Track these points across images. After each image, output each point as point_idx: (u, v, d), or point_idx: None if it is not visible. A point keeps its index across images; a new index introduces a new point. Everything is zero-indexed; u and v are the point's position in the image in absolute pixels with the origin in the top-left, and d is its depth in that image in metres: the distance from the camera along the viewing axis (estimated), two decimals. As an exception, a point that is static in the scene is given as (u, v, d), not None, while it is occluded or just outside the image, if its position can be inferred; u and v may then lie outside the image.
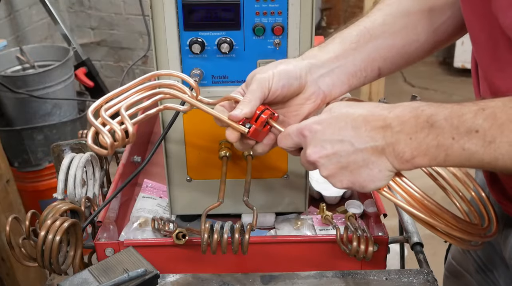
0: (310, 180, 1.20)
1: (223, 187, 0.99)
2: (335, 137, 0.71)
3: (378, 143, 0.69)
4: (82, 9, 3.49)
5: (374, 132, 0.69)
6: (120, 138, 0.73)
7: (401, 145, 0.68)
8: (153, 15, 0.95)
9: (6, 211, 1.92)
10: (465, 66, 4.23)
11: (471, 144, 0.64)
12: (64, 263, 0.92)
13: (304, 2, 0.95)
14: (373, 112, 0.70)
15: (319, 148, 0.73)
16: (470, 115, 0.64)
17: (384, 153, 0.69)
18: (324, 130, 0.72)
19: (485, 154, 0.64)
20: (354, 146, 0.70)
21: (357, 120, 0.70)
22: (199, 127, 1.06)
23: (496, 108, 0.64)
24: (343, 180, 0.73)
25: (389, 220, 1.06)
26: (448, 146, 0.65)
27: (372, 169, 0.71)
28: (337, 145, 0.71)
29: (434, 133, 0.66)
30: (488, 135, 0.63)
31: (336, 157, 0.72)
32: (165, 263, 0.98)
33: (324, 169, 0.73)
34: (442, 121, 0.65)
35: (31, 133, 2.34)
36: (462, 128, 0.64)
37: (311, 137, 0.74)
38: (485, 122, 0.63)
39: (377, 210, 1.10)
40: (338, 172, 0.73)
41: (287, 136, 0.78)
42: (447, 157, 0.66)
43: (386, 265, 1.02)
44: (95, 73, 2.86)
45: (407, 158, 0.68)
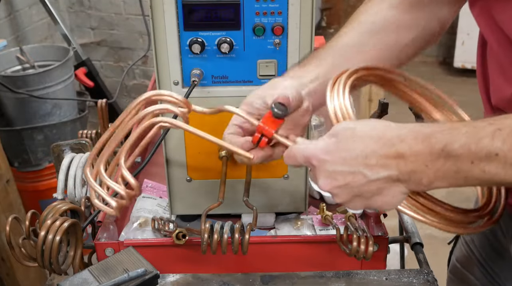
0: (310, 180, 1.20)
1: (223, 187, 0.99)
2: (345, 169, 0.69)
3: (392, 173, 0.67)
4: (82, 9, 3.49)
5: (387, 162, 0.67)
6: (126, 197, 0.72)
7: (417, 173, 0.66)
8: (153, 15, 0.95)
9: (6, 211, 1.92)
10: (465, 66, 4.23)
11: (492, 167, 0.63)
12: (64, 263, 0.92)
13: (304, 2, 0.95)
14: (384, 139, 0.68)
15: (331, 180, 0.71)
16: (488, 139, 0.62)
17: (399, 180, 0.68)
18: (334, 162, 0.70)
19: (506, 174, 0.63)
20: (367, 177, 0.68)
21: (367, 149, 0.68)
22: (199, 127, 1.05)
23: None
24: (358, 205, 0.73)
25: (389, 220, 1.06)
26: (468, 170, 0.64)
27: (386, 196, 0.70)
28: (348, 177, 0.69)
29: (451, 161, 0.64)
30: (508, 157, 0.62)
31: (349, 187, 0.70)
32: (165, 263, 0.98)
33: (338, 197, 0.73)
34: (459, 149, 0.64)
35: (31, 133, 2.34)
36: (481, 154, 0.63)
37: (319, 168, 0.72)
38: (504, 145, 0.62)
39: (377, 210, 1.10)
40: (353, 199, 0.72)
41: (293, 158, 0.77)
42: (467, 179, 0.65)
43: (386, 265, 1.02)
44: (95, 73, 2.86)
45: (425, 183, 0.67)
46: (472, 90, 0.91)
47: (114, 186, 0.73)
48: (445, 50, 4.64)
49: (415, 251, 1.02)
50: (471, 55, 4.15)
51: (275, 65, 0.99)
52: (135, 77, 3.64)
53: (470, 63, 4.13)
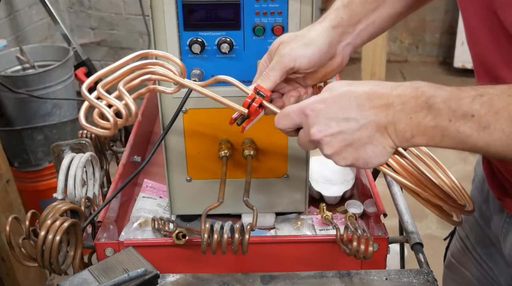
0: (310, 180, 1.20)
1: (223, 187, 0.99)
2: (339, 116, 0.72)
3: (381, 120, 0.70)
4: (82, 9, 3.49)
5: (377, 110, 0.70)
6: (125, 116, 0.71)
7: (402, 124, 0.69)
8: (153, 15, 0.95)
9: (6, 211, 1.92)
10: (465, 66, 4.23)
11: (466, 127, 0.66)
12: (64, 263, 0.92)
13: (304, 2, 0.95)
14: (376, 90, 0.71)
15: (324, 126, 0.73)
16: (468, 99, 0.66)
17: (387, 130, 0.70)
18: (328, 109, 0.72)
19: (479, 138, 0.66)
20: (359, 122, 0.71)
21: (360, 98, 0.71)
22: (199, 127, 1.06)
23: (494, 95, 0.65)
24: (347, 157, 0.74)
25: (389, 220, 1.06)
26: (445, 127, 0.67)
27: (376, 146, 0.72)
28: (342, 123, 0.72)
29: (432, 114, 0.67)
30: (483, 121, 0.65)
31: (342, 134, 0.72)
32: (165, 263, 0.98)
33: (329, 147, 0.73)
34: (441, 103, 0.67)
35: (31, 133, 2.34)
36: (459, 112, 0.66)
37: (314, 116, 0.74)
38: (481, 108, 0.65)
39: (377, 210, 1.10)
40: (343, 149, 0.73)
41: (287, 116, 0.77)
42: (443, 138, 0.68)
43: (386, 265, 1.02)
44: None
45: (407, 137, 0.70)
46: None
47: (114, 101, 0.71)
48: (445, 50, 4.64)
49: (415, 251, 1.02)
50: (471, 55, 4.18)
51: (275, 65, 0.99)
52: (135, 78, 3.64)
53: (470, 63, 4.06)
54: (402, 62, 4.73)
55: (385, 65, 3.42)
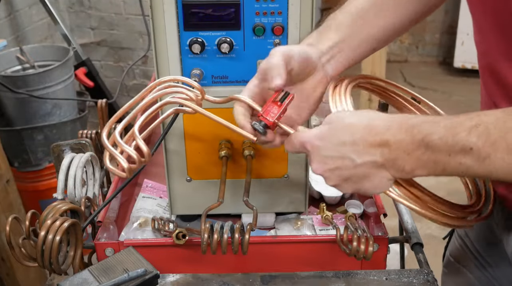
0: (310, 180, 1.20)
1: (223, 187, 0.99)
2: (335, 154, 0.75)
3: (377, 159, 0.72)
4: (82, 9, 3.49)
5: (373, 149, 0.72)
6: (137, 161, 0.76)
7: (399, 160, 0.71)
8: (153, 15, 0.95)
9: (6, 211, 1.92)
10: (465, 66, 4.23)
11: (467, 159, 0.67)
12: (64, 263, 0.92)
13: (304, 2, 0.95)
14: (371, 127, 0.72)
15: (322, 164, 0.76)
16: (464, 133, 0.66)
17: (384, 166, 0.73)
18: (325, 147, 0.76)
19: (480, 168, 0.67)
20: (354, 161, 0.73)
21: (355, 136, 0.73)
22: (199, 127, 1.06)
23: (489, 124, 0.66)
24: (347, 188, 0.78)
25: (389, 220, 1.06)
26: (445, 161, 0.68)
27: (373, 180, 0.74)
28: (338, 161, 0.75)
29: (430, 151, 0.69)
30: (482, 152, 0.66)
31: (339, 170, 0.75)
32: (165, 263, 0.98)
33: (329, 180, 0.78)
34: (437, 141, 0.68)
35: (31, 133, 2.34)
36: (457, 147, 0.67)
37: (313, 153, 0.77)
38: (479, 140, 0.66)
39: (377, 210, 1.10)
40: (342, 183, 0.77)
41: (292, 144, 0.81)
42: (445, 170, 0.69)
43: (386, 265, 1.02)
44: (95, 73, 2.86)
45: (407, 170, 0.72)
46: (472, 90, 0.91)
47: (128, 149, 0.76)
48: (445, 50, 4.64)
49: (415, 251, 1.02)
50: (471, 55, 4.16)
51: (275, 65, 0.99)
52: (135, 77, 3.64)
53: (470, 63, 4.13)
54: (402, 62, 4.73)
55: (385, 65, 3.42)
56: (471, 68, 4.11)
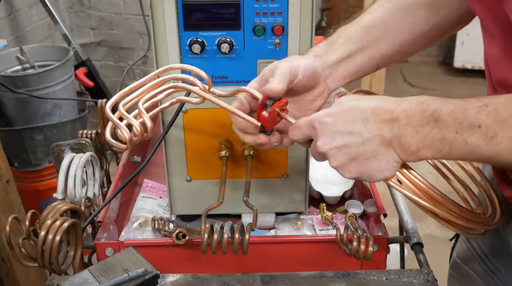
0: (310, 180, 1.20)
1: (223, 187, 0.99)
2: (345, 129, 0.73)
3: (386, 134, 0.71)
4: (82, 9, 3.49)
5: (382, 125, 0.71)
6: (139, 133, 0.75)
7: (407, 137, 0.70)
8: (153, 15, 0.95)
9: (6, 211, 1.92)
10: (465, 66, 4.23)
11: (474, 138, 0.66)
12: (64, 263, 0.92)
13: (304, 2, 0.95)
14: (381, 105, 0.73)
15: (329, 139, 0.75)
16: (474, 111, 0.66)
17: (391, 144, 0.72)
18: (334, 123, 0.75)
19: (487, 148, 0.66)
20: (363, 136, 0.72)
21: (366, 113, 0.73)
22: (199, 127, 1.06)
23: (499, 104, 0.65)
24: (351, 170, 0.75)
25: (389, 220, 1.06)
26: (452, 139, 0.67)
27: (380, 160, 0.73)
28: (346, 137, 0.73)
29: (438, 127, 0.68)
30: (490, 130, 0.65)
31: (346, 148, 0.74)
32: (165, 263, 0.98)
33: (334, 159, 0.76)
34: (447, 116, 0.67)
35: (31, 133, 2.34)
36: (465, 123, 0.66)
37: (321, 129, 0.76)
38: (487, 118, 0.65)
39: (377, 210, 1.10)
40: (348, 163, 0.75)
41: (298, 128, 0.80)
42: (451, 150, 0.68)
43: (386, 265, 1.02)
44: (95, 73, 2.86)
45: (412, 150, 0.71)
46: (472, 90, 0.91)
47: (131, 119, 0.75)
48: (445, 50, 4.63)
49: (415, 251, 1.01)
50: (471, 55, 4.17)
51: (275, 65, 0.99)
52: (135, 77, 3.64)
53: (470, 63, 4.12)
54: (402, 62, 4.72)
55: (385, 66, 3.42)
56: (471, 68, 4.10)
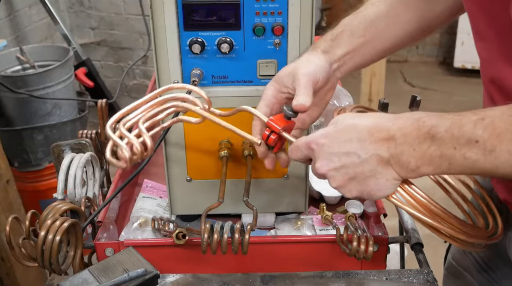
0: (310, 180, 1.20)
1: (223, 187, 0.99)
2: (341, 150, 0.74)
3: (383, 154, 0.71)
4: (82, 9, 3.49)
5: (378, 144, 0.72)
6: (139, 152, 0.75)
7: (405, 155, 0.70)
8: (153, 15, 0.95)
9: (6, 211, 1.92)
10: (465, 66, 4.23)
11: (472, 153, 0.66)
12: (64, 263, 0.92)
13: (304, 2, 0.95)
14: (377, 124, 0.73)
15: (327, 161, 0.75)
16: (470, 125, 0.66)
17: (390, 163, 0.72)
18: (331, 144, 0.75)
19: (486, 162, 0.66)
20: (361, 157, 0.73)
21: (361, 133, 0.73)
22: (199, 127, 1.05)
23: (495, 117, 0.65)
24: (352, 190, 0.76)
25: (389, 220, 1.06)
26: (451, 155, 0.67)
27: (378, 179, 0.73)
28: (343, 158, 0.74)
29: (436, 144, 0.68)
30: (488, 145, 0.65)
31: (344, 169, 0.74)
32: (165, 263, 0.98)
33: (333, 180, 0.76)
34: (443, 133, 0.67)
35: (31, 133, 2.34)
36: (463, 139, 0.66)
37: (318, 151, 0.76)
38: (484, 132, 0.65)
39: (377, 210, 1.10)
40: (347, 183, 0.75)
41: (297, 148, 0.81)
42: (451, 165, 0.68)
43: (386, 265, 1.02)
44: (95, 73, 2.86)
45: (412, 167, 0.71)
46: (472, 90, 0.91)
47: (131, 138, 0.75)
48: (445, 50, 4.64)
49: (415, 251, 1.02)
50: (471, 55, 4.16)
51: (275, 65, 0.99)
52: (135, 77, 3.64)
53: (470, 63, 4.13)
54: (402, 62, 4.73)
55: (385, 65, 3.42)
56: (471, 68, 4.11)
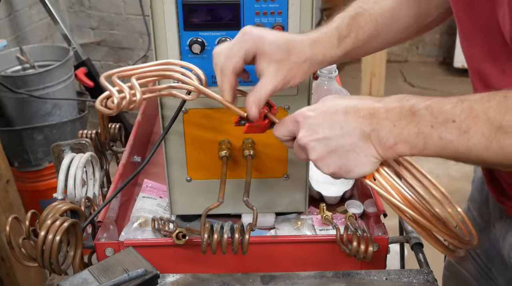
0: (310, 180, 1.20)
1: (223, 187, 0.99)
2: (326, 122, 0.75)
3: (365, 128, 0.73)
4: (82, 9, 3.49)
5: (362, 119, 0.73)
6: (128, 99, 0.77)
7: (384, 131, 0.72)
8: (153, 15, 0.95)
9: (6, 211, 1.92)
10: (465, 66, 4.17)
11: (448, 132, 0.67)
12: (64, 263, 0.92)
13: (304, 2, 0.95)
14: (364, 102, 0.75)
15: (311, 132, 0.76)
16: (450, 106, 0.68)
17: (370, 138, 0.73)
18: (317, 116, 0.77)
19: (459, 143, 0.67)
20: (343, 129, 0.74)
21: (347, 108, 0.75)
22: (199, 127, 1.06)
23: (473, 101, 0.67)
24: (330, 164, 0.76)
25: (389, 220, 1.06)
26: (427, 134, 0.69)
27: (358, 154, 0.74)
28: (327, 129, 0.75)
29: (415, 121, 0.70)
30: (463, 125, 0.66)
31: (326, 140, 0.75)
32: (165, 263, 0.98)
33: (314, 152, 0.77)
34: (423, 110, 0.69)
35: (31, 133, 2.34)
36: (441, 118, 0.68)
37: (303, 122, 0.78)
38: (462, 113, 0.67)
39: (377, 210, 1.10)
40: (327, 156, 0.76)
41: (283, 123, 0.82)
42: (426, 145, 0.70)
43: (386, 265, 1.02)
44: (95, 73, 2.86)
45: (389, 144, 0.72)
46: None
47: (123, 86, 0.77)
48: (445, 50, 4.64)
49: (415, 251, 1.01)
50: (471, 55, 4.17)
51: (275, 65, 0.99)
52: (135, 77, 3.64)
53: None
54: (402, 62, 4.73)
55: (385, 65, 3.42)
56: (471, 68, 4.10)
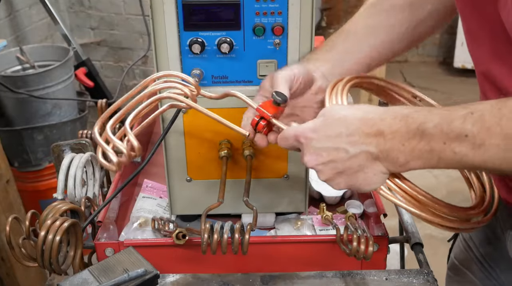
0: (310, 180, 1.20)
1: (223, 187, 0.99)
2: (330, 145, 0.74)
3: (372, 149, 0.71)
4: (82, 9, 3.49)
5: (367, 140, 0.71)
6: (127, 155, 0.76)
7: (394, 151, 0.70)
8: (153, 15, 0.95)
9: (6, 211, 1.92)
10: (465, 66, 4.23)
11: (462, 147, 0.66)
12: (64, 263, 0.92)
13: (304, 2, 0.95)
14: (367, 118, 0.72)
15: (316, 156, 0.75)
16: (460, 121, 0.66)
17: (378, 158, 0.72)
18: (319, 139, 0.75)
19: (475, 156, 0.66)
20: (349, 153, 0.73)
21: (350, 128, 0.73)
22: (199, 127, 1.06)
23: (484, 111, 0.65)
24: (340, 183, 0.76)
25: (389, 220, 1.06)
26: (440, 150, 0.68)
27: (367, 173, 0.73)
28: (332, 153, 0.74)
29: (426, 139, 0.68)
30: (477, 139, 0.65)
31: (332, 163, 0.74)
32: (165, 263, 0.98)
33: (322, 174, 0.77)
34: (432, 129, 0.68)
35: (31, 133, 2.34)
36: (452, 134, 0.66)
37: (307, 145, 0.76)
38: (474, 127, 0.65)
39: (377, 210, 1.10)
40: (336, 177, 0.76)
41: (285, 139, 0.81)
42: (440, 160, 0.69)
43: (386, 265, 1.02)
44: (95, 73, 2.86)
45: (401, 162, 0.71)
46: (472, 90, 0.91)
47: (118, 143, 0.76)
48: (445, 50, 4.64)
49: (415, 251, 1.02)
50: (471, 55, 4.17)
51: (275, 65, 0.99)
52: (135, 77, 3.64)
53: (470, 63, 4.10)
54: (402, 62, 4.73)
55: (385, 65, 3.42)
56: (471, 68, 4.07)
